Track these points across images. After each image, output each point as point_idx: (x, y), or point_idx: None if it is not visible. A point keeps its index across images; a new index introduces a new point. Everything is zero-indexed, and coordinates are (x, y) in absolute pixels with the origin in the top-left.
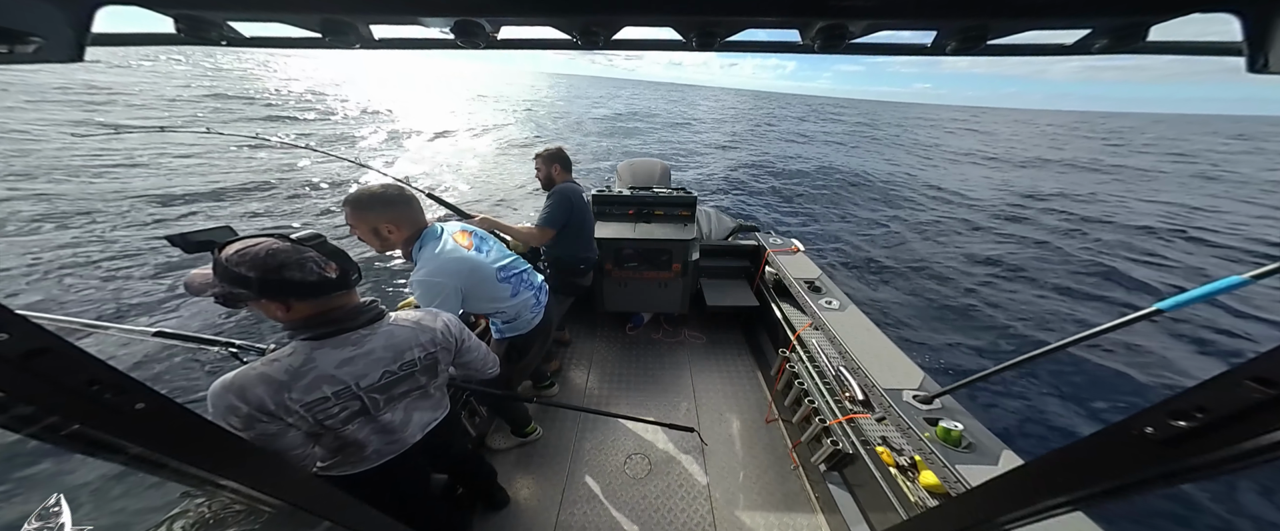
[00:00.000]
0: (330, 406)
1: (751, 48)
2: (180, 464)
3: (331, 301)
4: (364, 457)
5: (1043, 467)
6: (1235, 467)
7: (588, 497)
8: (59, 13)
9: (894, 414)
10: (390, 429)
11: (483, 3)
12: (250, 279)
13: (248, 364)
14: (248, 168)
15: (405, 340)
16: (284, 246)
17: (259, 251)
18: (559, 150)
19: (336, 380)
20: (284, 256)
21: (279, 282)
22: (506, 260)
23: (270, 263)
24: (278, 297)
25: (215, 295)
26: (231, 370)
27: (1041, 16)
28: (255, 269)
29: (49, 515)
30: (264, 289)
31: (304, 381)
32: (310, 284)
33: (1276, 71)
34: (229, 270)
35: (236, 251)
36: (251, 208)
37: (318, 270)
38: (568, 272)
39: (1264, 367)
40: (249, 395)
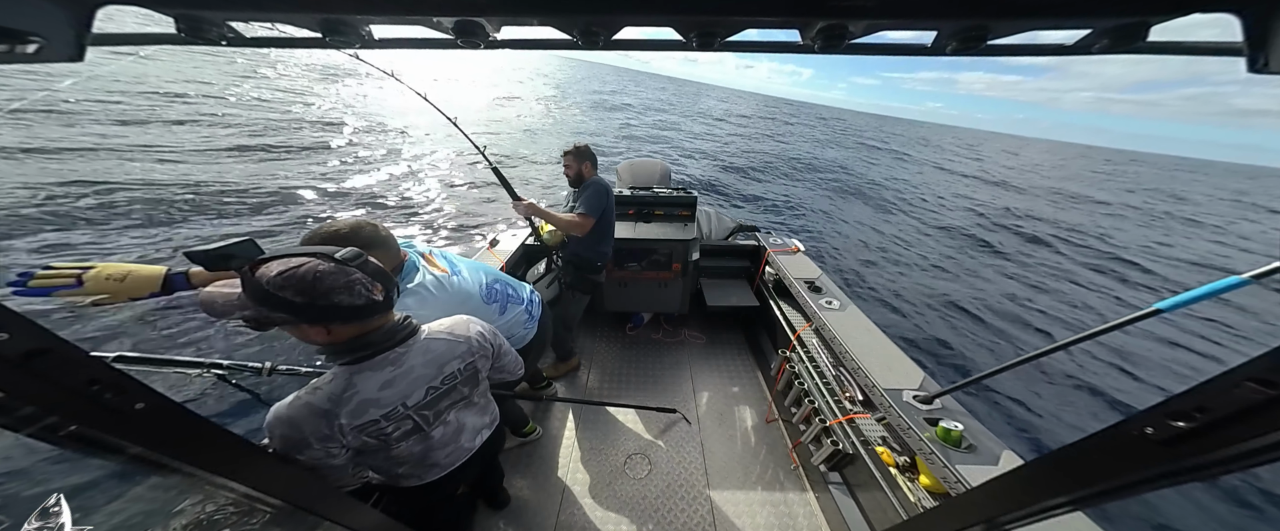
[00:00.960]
0: (385, 427)
1: (752, 48)
2: (180, 464)
3: (371, 323)
4: (434, 466)
5: (1043, 467)
6: (1235, 467)
7: (588, 497)
8: (59, 13)
9: (894, 414)
10: (445, 442)
11: (483, 3)
12: (296, 304)
13: (297, 396)
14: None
15: (443, 353)
16: (331, 268)
17: (306, 274)
18: (587, 147)
19: (382, 403)
20: (332, 280)
21: (327, 308)
22: (489, 279)
23: (319, 286)
24: (321, 322)
25: (245, 318)
26: (281, 396)
27: (1041, 16)
28: (303, 293)
29: (49, 515)
30: (309, 314)
31: (349, 407)
32: (357, 307)
33: (1276, 71)
34: (271, 294)
35: (280, 274)
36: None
37: (366, 293)
38: (585, 269)
39: (1264, 368)
40: (303, 425)
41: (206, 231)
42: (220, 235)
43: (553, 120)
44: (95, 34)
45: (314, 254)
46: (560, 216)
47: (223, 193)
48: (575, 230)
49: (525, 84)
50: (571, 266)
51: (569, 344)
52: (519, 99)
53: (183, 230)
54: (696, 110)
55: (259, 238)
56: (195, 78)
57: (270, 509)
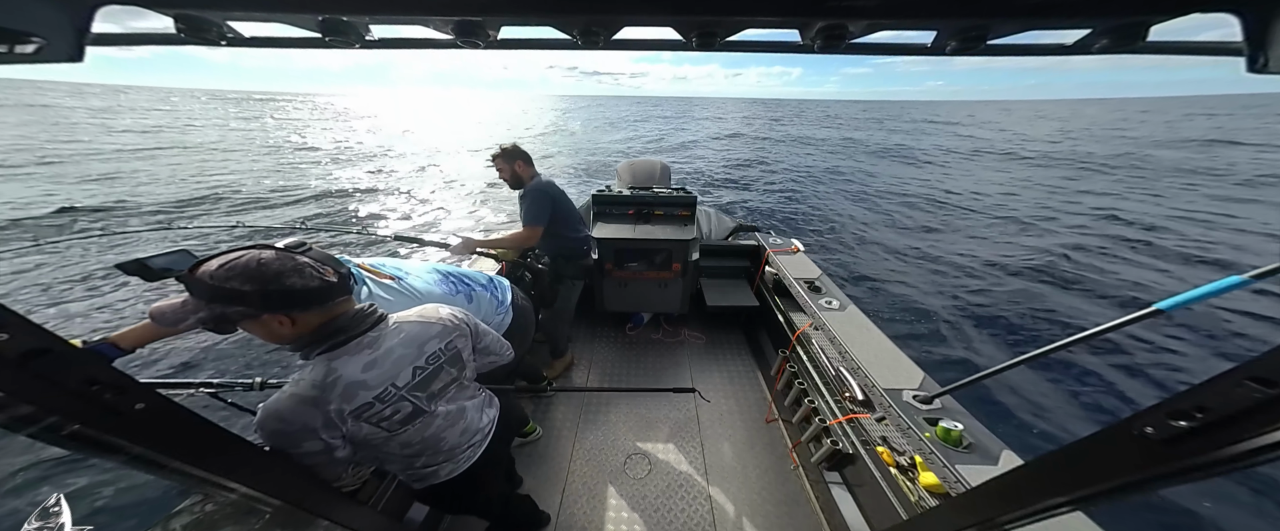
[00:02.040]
0: (382, 410)
1: (752, 48)
2: (180, 464)
3: (335, 308)
4: (455, 458)
5: (1043, 467)
6: (1235, 467)
7: (588, 497)
8: (59, 13)
9: (894, 414)
10: (452, 422)
11: (483, 3)
12: (246, 292)
13: (280, 393)
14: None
15: (418, 334)
16: (274, 255)
17: (248, 262)
18: (516, 146)
19: (370, 384)
20: (278, 264)
21: (281, 293)
22: (442, 272)
23: (266, 272)
24: (281, 309)
25: (201, 320)
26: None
27: (1041, 16)
28: (250, 281)
29: (49, 515)
30: (265, 302)
31: (336, 391)
32: (314, 290)
33: (1276, 71)
34: (219, 288)
35: (221, 266)
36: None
37: (317, 275)
38: (572, 257)
39: (1264, 367)
40: (292, 417)
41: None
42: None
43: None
44: (95, 34)
45: (253, 245)
46: (505, 238)
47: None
48: (524, 244)
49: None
50: (559, 260)
51: (564, 341)
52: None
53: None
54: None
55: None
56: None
57: (270, 509)
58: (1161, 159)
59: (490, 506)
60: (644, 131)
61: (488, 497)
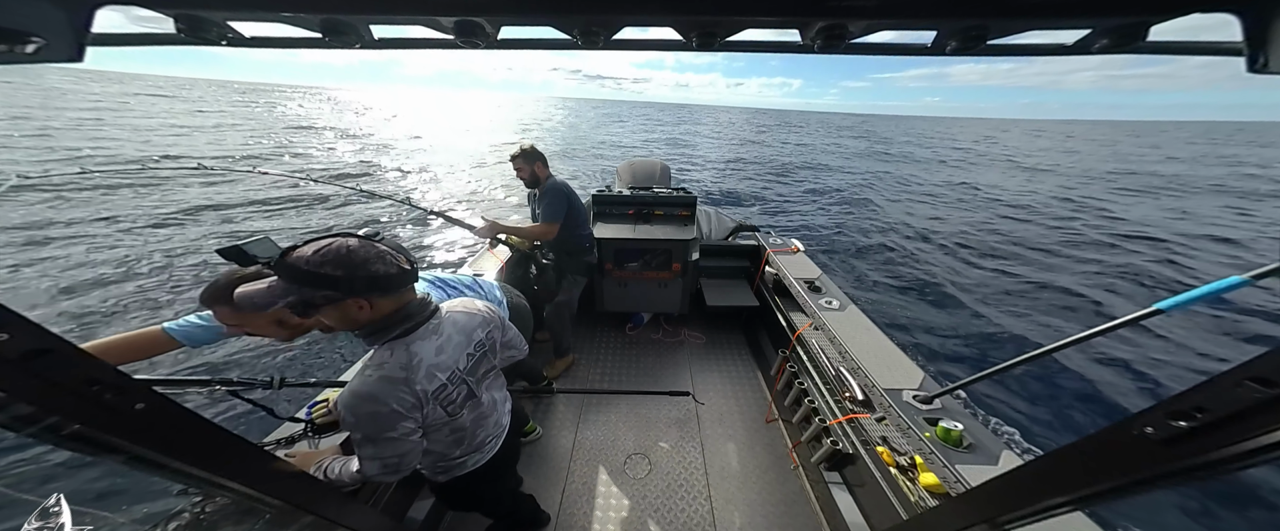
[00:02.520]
0: (451, 392)
1: (752, 48)
2: (180, 464)
3: (405, 295)
4: (484, 449)
5: (1043, 467)
6: (1235, 467)
7: (588, 497)
8: (59, 13)
9: (894, 414)
10: (489, 411)
11: (483, 3)
12: (338, 277)
13: (363, 377)
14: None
15: (467, 323)
16: (359, 242)
17: (339, 249)
18: (534, 148)
19: (443, 367)
20: (364, 251)
21: (368, 278)
22: (430, 279)
23: (354, 258)
24: (365, 294)
25: (289, 303)
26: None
27: (1041, 16)
28: (342, 266)
29: (49, 515)
30: (353, 286)
31: (420, 373)
32: (393, 276)
33: (1276, 71)
34: (312, 273)
35: (316, 252)
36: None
37: (396, 262)
38: (577, 254)
39: (1264, 368)
40: (386, 397)
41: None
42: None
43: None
44: (95, 34)
45: (340, 234)
46: (526, 228)
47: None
48: (543, 237)
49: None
50: (563, 256)
51: (567, 338)
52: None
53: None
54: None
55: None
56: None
57: (270, 509)
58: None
59: (504, 499)
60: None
61: (503, 489)
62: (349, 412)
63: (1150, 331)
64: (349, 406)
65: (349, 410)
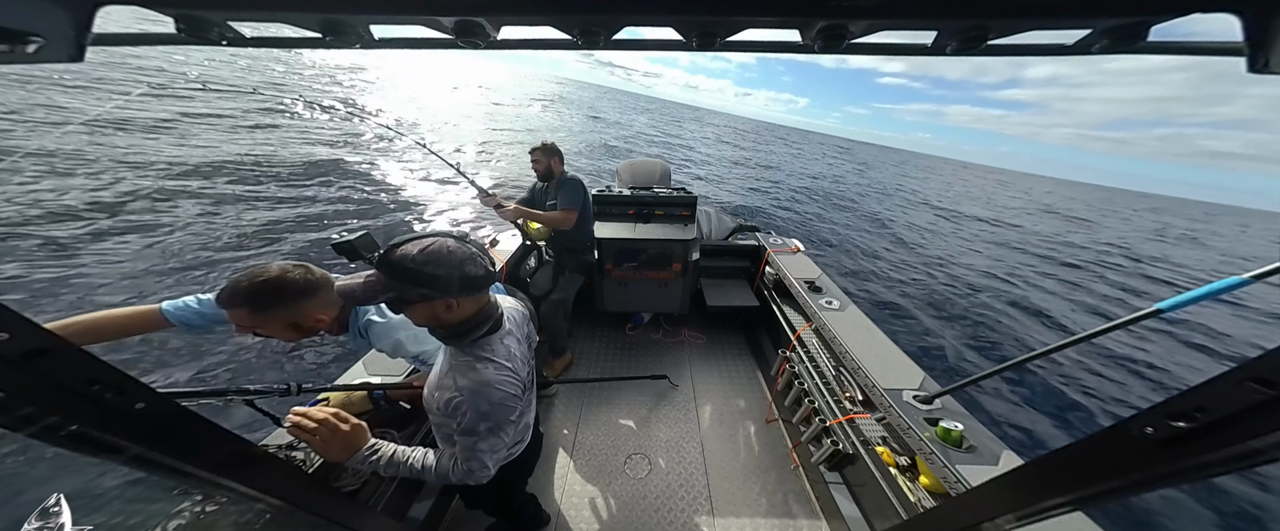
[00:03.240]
0: (530, 378)
1: (752, 48)
2: (180, 464)
3: (484, 296)
4: (526, 433)
5: (1043, 467)
6: (1235, 467)
7: (588, 497)
8: (59, 13)
9: (894, 414)
10: (531, 401)
11: (483, 2)
12: (438, 276)
13: (476, 370)
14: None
15: (520, 319)
16: (454, 243)
17: (440, 249)
18: (553, 143)
19: (524, 360)
20: (461, 252)
21: (463, 279)
22: None
23: (454, 258)
24: (457, 294)
25: (388, 298)
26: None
27: (1041, 17)
28: (443, 265)
29: (49, 515)
30: (449, 286)
31: (517, 362)
32: (481, 278)
33: (1276, 71)
34: (418, 271)
35: (422, 251)
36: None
37: (484, 264)
38: (579, 252)
39: (1264, 368)
40: (507, 386)
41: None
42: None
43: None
44: (95, 34)
45: (439, 233)
46: (547, 215)
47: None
48: (562, 225)
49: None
50: (564, 252)
51: (563, 336)
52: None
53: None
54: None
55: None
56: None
57: (270, 509)
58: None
59: (519, 493)
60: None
61: (524, 482)
62: (480, 400)
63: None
64: (479, 393)
65: (479, 398)
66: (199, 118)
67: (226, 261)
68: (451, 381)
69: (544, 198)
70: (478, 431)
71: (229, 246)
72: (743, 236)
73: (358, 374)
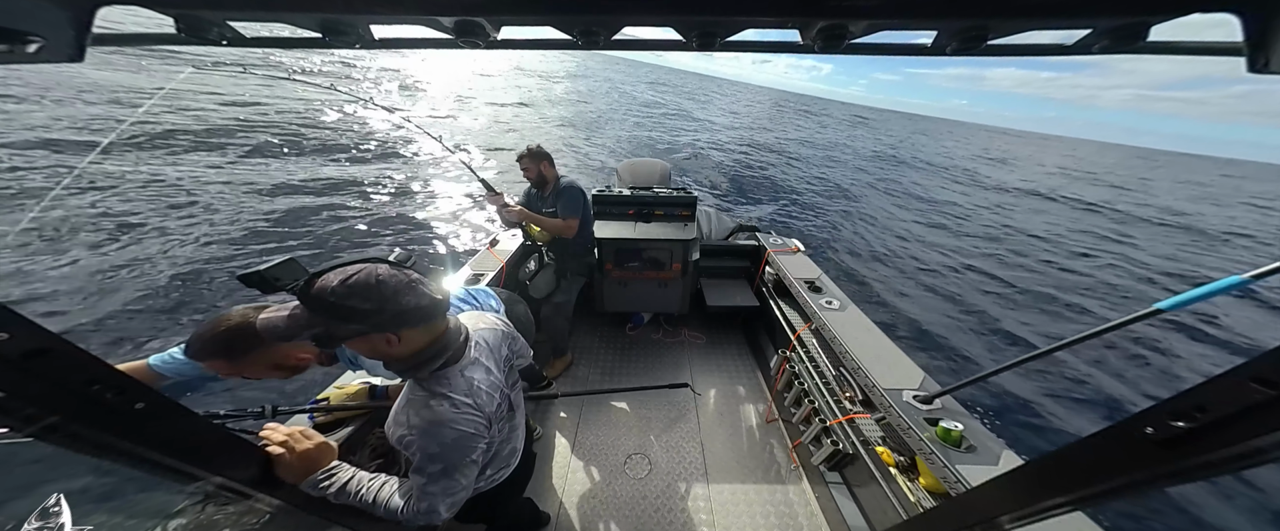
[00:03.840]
0: (502, 409)
1: (752, 47)
2: (180, 464)
3: (438, 326)
4: (511, 458)
5: (1043, 467)
6: (1235, 467)
7: (588, 497)
8: (59, 13)
9: (894, 414)
10: (519, 422)
11: (483, 2)
12: (365, 310)
13: (429, 407)
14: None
15: (494, 341)
16: (388, 271)
17: (366, 279)
18: (540, 147)
19: (493, 387)
20: (396, 282)
21: (397, 312)
22: None
23: (384, 290)
24: (393, 328)
25: (313, 335)
26: None
27: (1041, 16)
28: (370, 299)
29: (49, 515)
30: (381, 320)
31: (482, 397)
32: (423, 308)
33: (1277, 71)
34: (337, 305)
35: (341, 282)
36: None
37: (428, 292)
38: (579, 255)
39: (1264, 368)
40: (462, 423)
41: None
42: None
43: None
44: (95, 34)
45: (368, 259)
46: (550, 222)
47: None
48: (564, 233)
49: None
50: (565, 255)
51: (565, 338)
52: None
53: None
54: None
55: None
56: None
57: (270, 509)
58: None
59: (511, 508)
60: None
61: (517, 499)
62: (430, 442)
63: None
64: (429, 434)
65: (429, 439)
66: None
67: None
68: (405, 417)
69: (540, 204)
70: (427, 472)
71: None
72: (743, 236)
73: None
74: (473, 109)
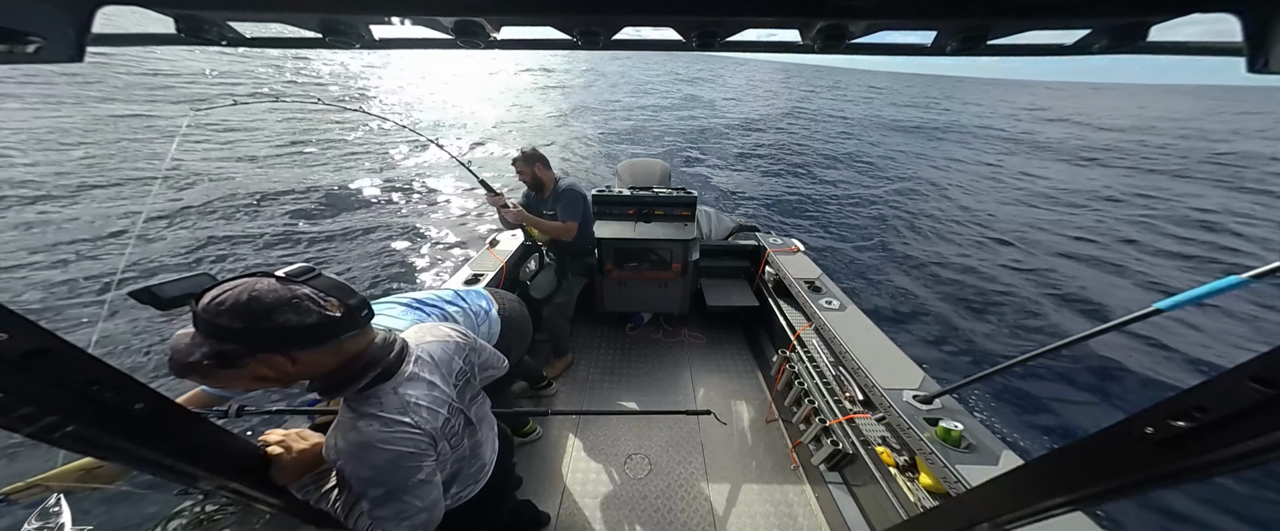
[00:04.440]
0: (454, 424)
1: (752, 48)
2: (180, 464)
3: (348, 345)
4: (482, 475)
5: (1043, 467)
6: (1235, 467)
7: (587, 497)
8: (59, 13)
9: (894, 414)
10: (484, 436)
11: (483, 3)
12: (237, 330)
13: (356, 429)
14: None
15: (445, 355)
16: (268, 286)
17: (239, 295)
18: (535, 150)
19: (440, 401)
20: (272, 298)
21: (273, 331)
22: (406, 301)
23: (256, 307)
24: (276, 349)
25: (205, 355)
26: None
27: (1041, 16)
28: (240, 317)
29: (49, 515)
30: (255, 341)
31: (421, 413)
32: (309, 327)
33: (1277, 71)
34: (210, 322)
35: (212, 300)
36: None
37: (317, 309)
38: (579, 255)
39: (1264, 368)
40: (396, 441)
41: None
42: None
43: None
44: (95, 34)
45: (254, 274)
46: (549, 225)
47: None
48: (564, 236)
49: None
50: (565, 255)
51: (566, 338)
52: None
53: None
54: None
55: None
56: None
57: (270, 509)
58: None
59: (502, 514)
60: None
61: (502, 505)
62: (362, 466)
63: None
64: (357, 458)
65: (360, 463)
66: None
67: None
68: (334, 440)
69: (540, 206)
70: (370, 496)
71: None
72: (743, 236)
73: None
74: (473, 111)
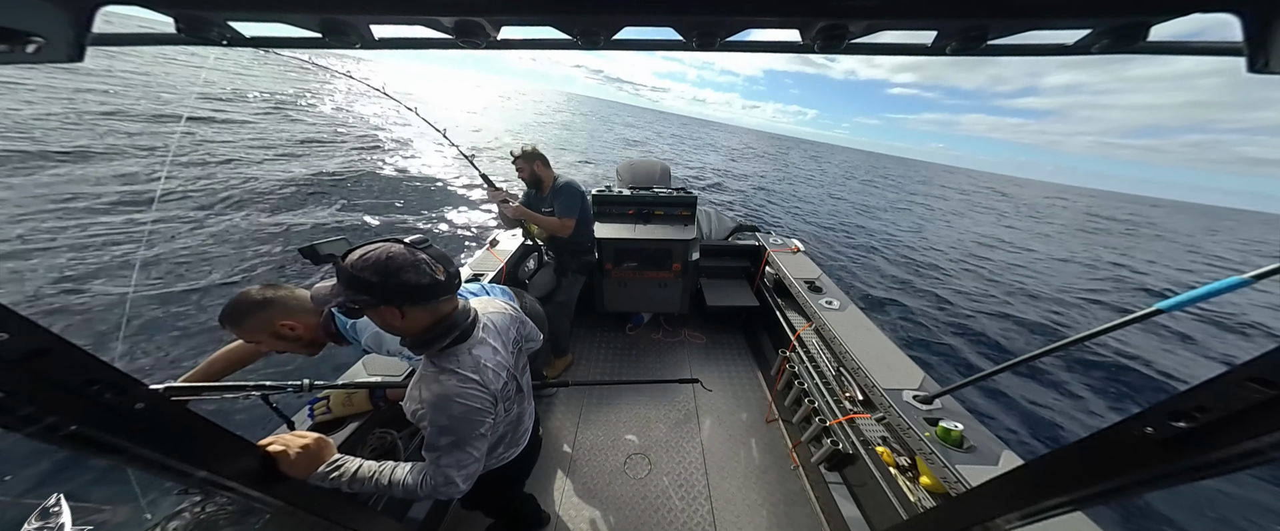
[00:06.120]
0: (510, 388)
1: (752, 47)
2: (180, 464)
3: (442, 306)
4: (519, 442)
5: (1043, 467)
6: (1235, 467)
7: (588, 497)
8: (59, 13)
9: (894, 414)
10: (528, 403)
11: (483, 3)
12: (373, 284)
13: (439, 382)
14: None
15: (503, 324)
16: (400, 250)
17: (380, 255)
18: (535, 148)
19: (500, 367)
20: (402, 259)
21: (398, 286)
22: None
23: (390, 266)
24: (396, 302)
25: (340, 303)
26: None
27: (1041, 16)
28: (377, 273)
29: (49, 515)
30: (385, 293)
31: (488, 374)
32: (423, 286)
33: (1277, 71)
34: (355, 277)
35: (360, 257)
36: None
37: (430, 273)
38: (579, 254)
39: (1264, 368)
40: (466, 397)
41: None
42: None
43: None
44: (95, 34)
45: (387, 239)
46: (547, 220)
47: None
48: (561, 232)
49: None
50: (565, 254)
51: (566, 337)
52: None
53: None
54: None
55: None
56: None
57: (270, 509)
58: None
59: (517, 495)
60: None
61: (522, 484)
62: (440, 414)
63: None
64: (438, 408)
65: (439, 412)
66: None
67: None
68: (417, 392)
69: (539, 204)
70: (439, 446)
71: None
72: (743, 236)
73: (358, 374)
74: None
